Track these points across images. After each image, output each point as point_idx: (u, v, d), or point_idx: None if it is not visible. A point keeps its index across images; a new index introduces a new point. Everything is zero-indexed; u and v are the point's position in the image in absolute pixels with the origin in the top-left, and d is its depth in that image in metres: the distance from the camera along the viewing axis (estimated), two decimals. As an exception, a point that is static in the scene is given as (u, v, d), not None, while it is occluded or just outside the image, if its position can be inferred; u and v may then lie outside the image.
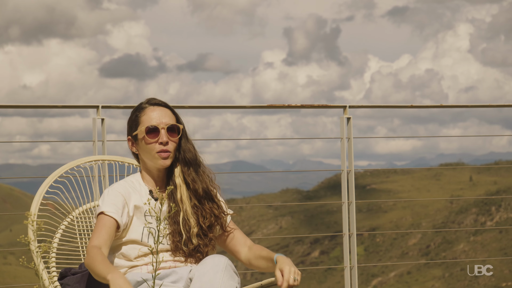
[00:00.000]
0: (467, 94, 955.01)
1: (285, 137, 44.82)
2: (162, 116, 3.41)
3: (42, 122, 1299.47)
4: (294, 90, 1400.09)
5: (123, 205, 3.34)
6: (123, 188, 3.38)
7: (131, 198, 3.37)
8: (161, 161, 3.38)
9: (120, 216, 3.31)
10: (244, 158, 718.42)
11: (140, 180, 3.44)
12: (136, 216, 3.36)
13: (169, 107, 3.46)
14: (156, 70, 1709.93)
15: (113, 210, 3.30)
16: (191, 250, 3.35)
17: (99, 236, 3.24)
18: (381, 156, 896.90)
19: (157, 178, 3.44)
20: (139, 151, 3.43)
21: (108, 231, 3.27)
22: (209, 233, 3.40)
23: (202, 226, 3.38)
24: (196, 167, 3.44)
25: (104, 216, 3.29)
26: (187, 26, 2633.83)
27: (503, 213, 70.55)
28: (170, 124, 3.41)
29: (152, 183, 3.44)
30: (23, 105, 5.34)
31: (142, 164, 3.45)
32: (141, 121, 3.41)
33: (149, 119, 3.40)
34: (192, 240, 3.36)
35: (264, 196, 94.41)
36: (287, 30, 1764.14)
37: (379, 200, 8.67)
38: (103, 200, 3.34)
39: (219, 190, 3.50)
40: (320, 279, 69.32)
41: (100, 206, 3.32)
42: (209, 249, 3.40)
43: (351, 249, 5.79)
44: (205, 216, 3.40)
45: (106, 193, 3.36)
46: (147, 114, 3.41)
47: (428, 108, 6.34)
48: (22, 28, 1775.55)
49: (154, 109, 3.42)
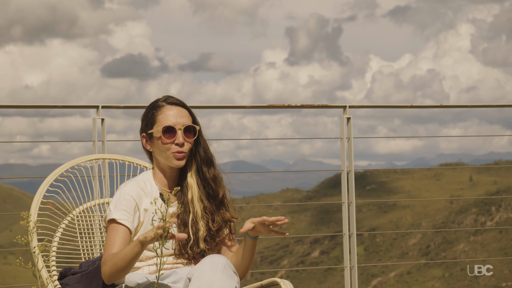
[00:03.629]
0: (468, 94, 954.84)
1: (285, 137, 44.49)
2: (179, 116, 3.38)
3: (43, 122, 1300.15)
4: (295, 90, 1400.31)
5: (134, 210, 3.30)
6: (135, 192, 3.33)
7: (142, 203, 3.33)
8: (176, 162, 3.35)
9: (132, 222, 3.28)
10: (244, 158, 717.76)
11: (151, 179, 3.41)
12: (146, 220, 3.33)
13: (187, 107, 3.42)
14: (158, 70, 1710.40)
15: (125, 217, 3.27)
16: (195, 254, 3.33)
17: (114, 248, 3.21)
18: (381, 156, 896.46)
19: (169, 177, 3.40)
20: (153, 149, 3.40)
21: (122, 241, 3.23)
22: (216, 237, 3.37)
23: (210, 230, 3.35)
24: (210, 168, 3.41)
25: (117, 225, 3.25)
26: (188, 26, 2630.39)
27: (503, 213, 70.55)
28: (187, 125, 3.38)
29: (164, 182, 3.40)
30: (24, 105, 5.34)
31: (155, 162, 3.42)
32: (158, 120, 3.37)
33: (166, 118, 3.37)
34: (199, 243, 3.33)
35: (264, 196, 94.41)
36: (289, 29, 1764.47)
37: (379, 200, 8.66)
38: (115, 205, 3.30)
39: (229, 193, 3.46)
40: (320, 279, 69.31)
41: (112, 212, 3.28)
42: (214, 253, 3.36)
43: (351, 249, 5.79)
44: (215, 220, 3.37)
45: (117, 197, 3.32)
46: (164, 113, 3.38)
47: (428, 108, 6.34)
48: (25, 28, 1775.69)
49: (172, 108, 3.39)
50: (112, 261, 3.15)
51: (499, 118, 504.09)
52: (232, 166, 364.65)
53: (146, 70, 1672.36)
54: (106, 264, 3.18)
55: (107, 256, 3.19)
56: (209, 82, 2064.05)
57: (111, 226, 3.27)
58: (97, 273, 3.29)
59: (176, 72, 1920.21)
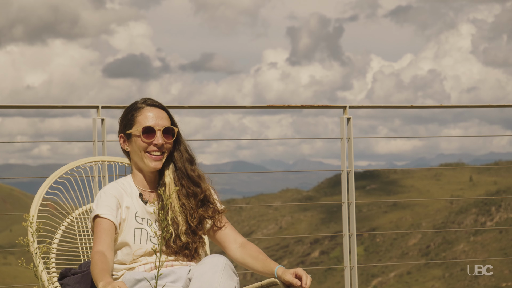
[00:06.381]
0: (469, 94, 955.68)
1: (285, 137, 44.53)
2: (159, 118, 3.41)
3: (44, 122, 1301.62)
4: (296, 90, 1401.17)
5: (116, 206, 3.34)
6: (115, 190, 3.38)
7: (124, 200, 3.37)
8: (153, 164, 3.38)
9: (115, 217, 3.32)
10: (244, 158, 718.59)
11: (131, 182, 3.44)
12: (128, 218, 3.36)
13: (165, 109, 3.46)
14: (159, 70, 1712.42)
15: (108, 212, 3.31)
16: (179, 247, 3.35)
17: (101, 241, 3.26)
18: (381, 156, 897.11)
19: (149, 179, 3.44)
20: (131, 150, 3.43)
21: (108, 234, 3.28)
22: (198, 230, 3.40)
23: (190, 225, 3.38)
24: (189, 168, 3.44)
25: (101, 220, 3.30)
26: (190, 27, 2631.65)
27: (503, 213, 70.55)
28: (166, 127, 3.41)
29: (144, 183, 3.44)
30: (24, 105, 5.34)
31: (133, 163, 3.45)
32: (137, 121, 3.40)
33: (145, 119, 3.40)
34: (180, 237, 3.36)
35: (264, 196, 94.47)
36: (290, 29, 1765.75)
37: (379, 200, 8.68)
38: (97, 203, 3.35)
39: (214, 191, 3.50)
40: (320, 279, 69.31)
41: (95, 210, 3.33)
42: (198, 245, 3.40)
43: (351, 249, 5.79)
44: (194, 216, 3.40)
45: (99, 196, 3.37)
46: (143, 114, 3.41)
47: (428, 108, 6.34)
48: (26, 28, 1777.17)
49: (151, 110, 3.42)
50: (92, 266, 3.19)
51: (499, 118, 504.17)
52: (232, 166, 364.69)
53: (147, 70, 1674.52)
54: (91, 262, 3.21)
55: (93, 253, 3.23)
56: (210, 82, 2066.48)
57: (96, 222, 3.31)
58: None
59: (177, 72, 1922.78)
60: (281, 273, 3.30)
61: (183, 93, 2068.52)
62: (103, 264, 3.16)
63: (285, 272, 3.28)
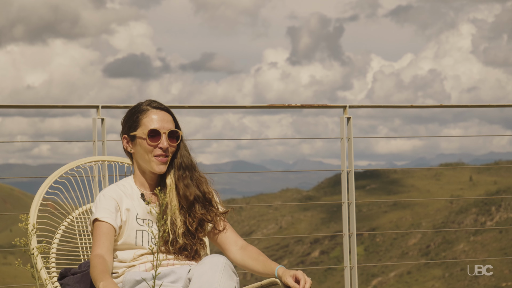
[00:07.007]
0: (469, 94, 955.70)
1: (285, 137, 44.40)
2: (165, 121, 3.40)
3: (44, 122, 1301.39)
4: (296, 90, 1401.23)
5: (116, 209, 3.34)
6: (114, 192, 3.38)
7: (123, 202, 3.37)
8: (157, 167, 3.38)
9: (114, 220, 3.32)
10: (244, 158, 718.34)
11: (132, 183, 3.44)
12: (129, 219, 3.36)
13: (170, 112, 3.45)
14: (160, 70, 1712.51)
15: (107, 215, 3.31)
16: (177, 249, 3.35)
17: (100, 245, 3.26)
18: (381, 156, 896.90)
19: (150, 180, 3.43)
20: (135, 152, 3.42)
21: (108, 237, 3.29)
22: (198, 233, 3.40)
23: (189, 227, 3.38)
24: (190, 171, 3.44)
25: (100, 223, 3.30)
26: (190, 26, 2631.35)
27: (503, 213, 70.55)
28: (171, 130, 3.41)
29: (145, 185, 3.44)
30: (25, 105, 5.34)
31: (136, 164, 3.45)
32: (143, 123, 3.39)
33: (151, 122, 3.39)
34: (178, 239, 3.36)
35: (264, 196, 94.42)
36: (291, 29, 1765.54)
37: (379, 200, 8.68)
38: (96, 206, 3.35)
39: (216, 193, 3.50)
40: (320, 279, 69.30)
41: (94, 213, 3.33)
42: (198, 247, 3.40)
43: (351, 249, 5.79)
44: (194, 218, 3.40)
45: (98, 199, 3.37)
46: (149, 117, 3.40)
47: (428, 108, 6.34)
48: (27, 28, 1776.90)
49: (157, 113, 3.41)
50: (91, 269, 3.20)
51: (499, 118, 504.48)
52: (232, 166, 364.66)
53: (147, 70, 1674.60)
54: (90, 265, 3.23)
55: (92, 256, 3.24)
56: (210, 82, 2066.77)
57: (95, 225, 3.32)
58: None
59: (177, 72, 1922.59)
60: (281, 273, 3.31)
61: (183, 93, 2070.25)
62: (103, 266, 3.17)
63: (285, 273, 3.28)
